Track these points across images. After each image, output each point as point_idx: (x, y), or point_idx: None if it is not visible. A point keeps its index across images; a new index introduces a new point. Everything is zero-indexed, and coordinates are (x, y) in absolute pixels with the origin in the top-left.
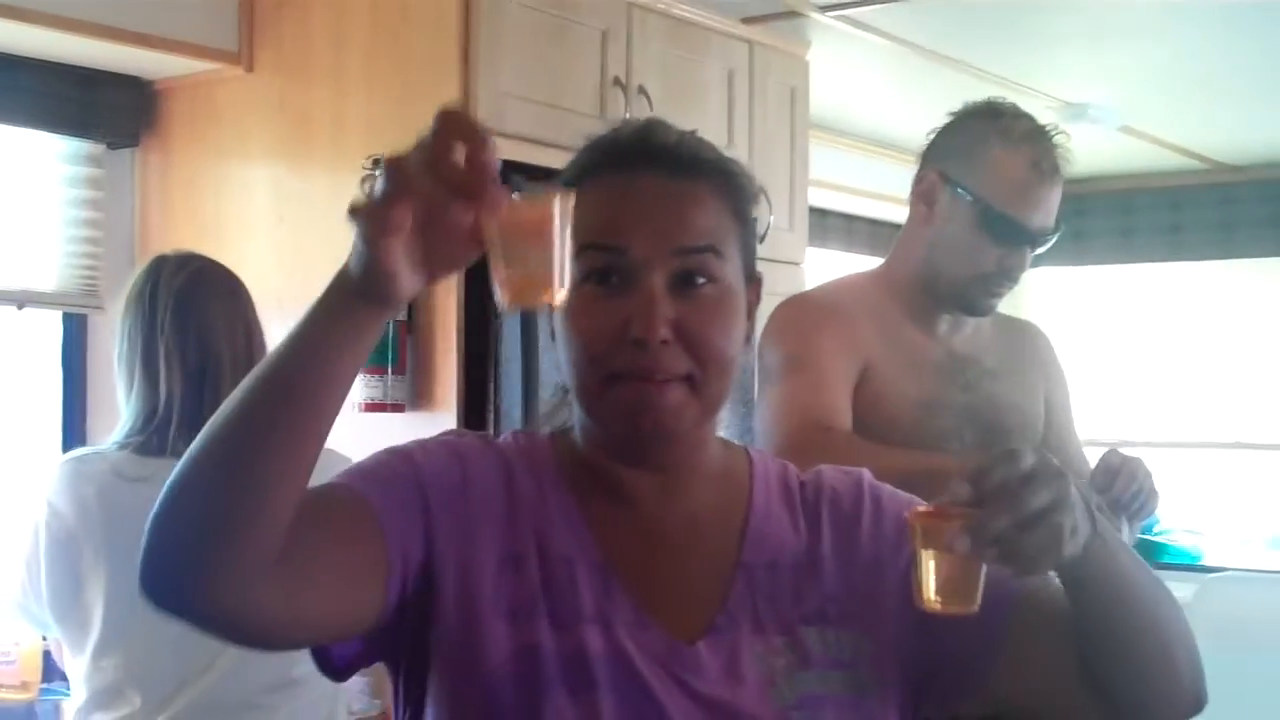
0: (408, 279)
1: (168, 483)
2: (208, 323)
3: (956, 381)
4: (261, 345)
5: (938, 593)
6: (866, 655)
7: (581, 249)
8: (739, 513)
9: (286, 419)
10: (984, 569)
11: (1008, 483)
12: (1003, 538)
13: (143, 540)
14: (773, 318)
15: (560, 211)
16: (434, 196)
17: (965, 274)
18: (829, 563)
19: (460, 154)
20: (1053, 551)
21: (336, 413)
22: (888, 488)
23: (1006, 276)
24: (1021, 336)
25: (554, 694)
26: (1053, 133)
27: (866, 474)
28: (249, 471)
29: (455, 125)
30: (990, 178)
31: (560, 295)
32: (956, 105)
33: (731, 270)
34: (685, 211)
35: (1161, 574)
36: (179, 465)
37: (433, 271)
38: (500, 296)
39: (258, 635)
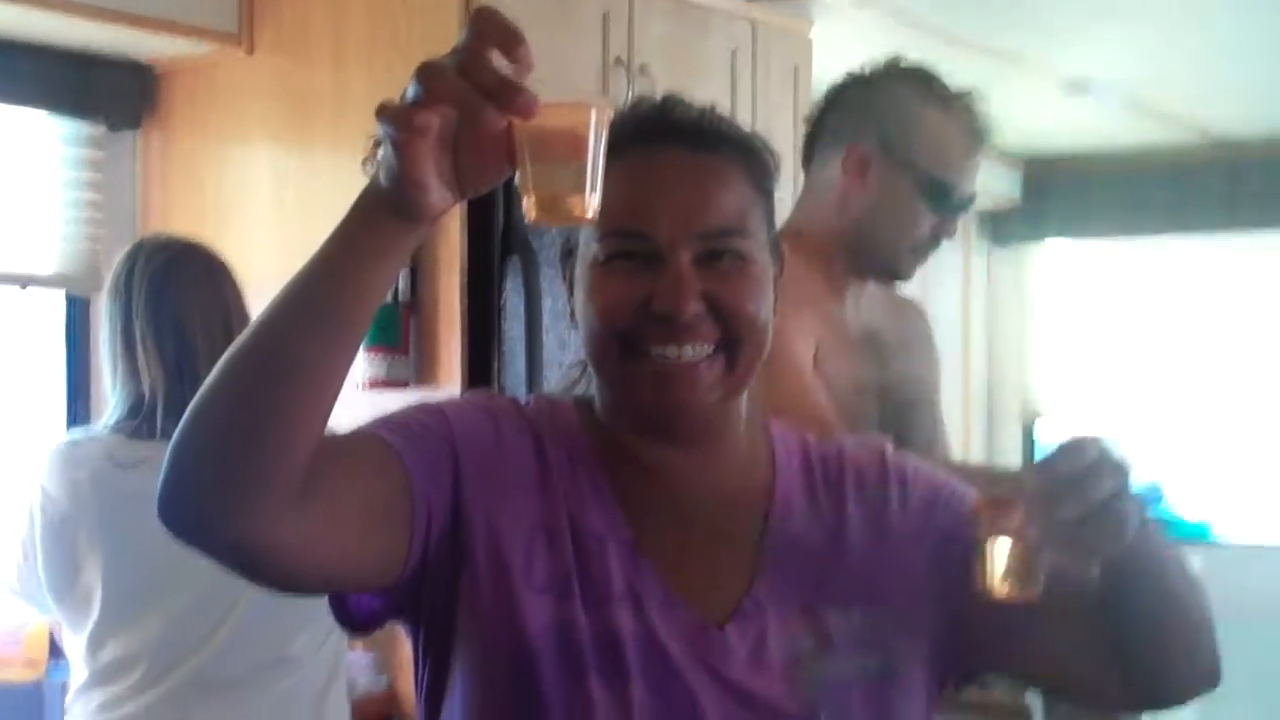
0: (437, 192)
1: (190, 406)
2: (183, 310)
3: (874, 360)
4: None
5: (1003, 580)
6: (894, 634)
7: (604, 235)
8: (763, 494)
9: (313, 334)
10: (1046, 556)
11: (1074, 473)
12: (1069, 527)
13: (163, 468)
14: None
15: (595, 122)
16: (466, 100)
17: (900, 243)
18: (855, 543)
19: (495, 58)
20: (1115, 540)
21: (363, 334)
22: (911, 460)
23: (937, 243)
24: (909, 312)
25: (589, 678)
26: (977, 96)
27: (888, 447)
28: (274, 387)
29: (491, 26)
30: (931, 148)
31: (591, 208)
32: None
33: (756, 245)
34: (710, 191)
35: None
36: (202, 389)
37: (462, 187)
38: (526, 209)
39: (278, 572)
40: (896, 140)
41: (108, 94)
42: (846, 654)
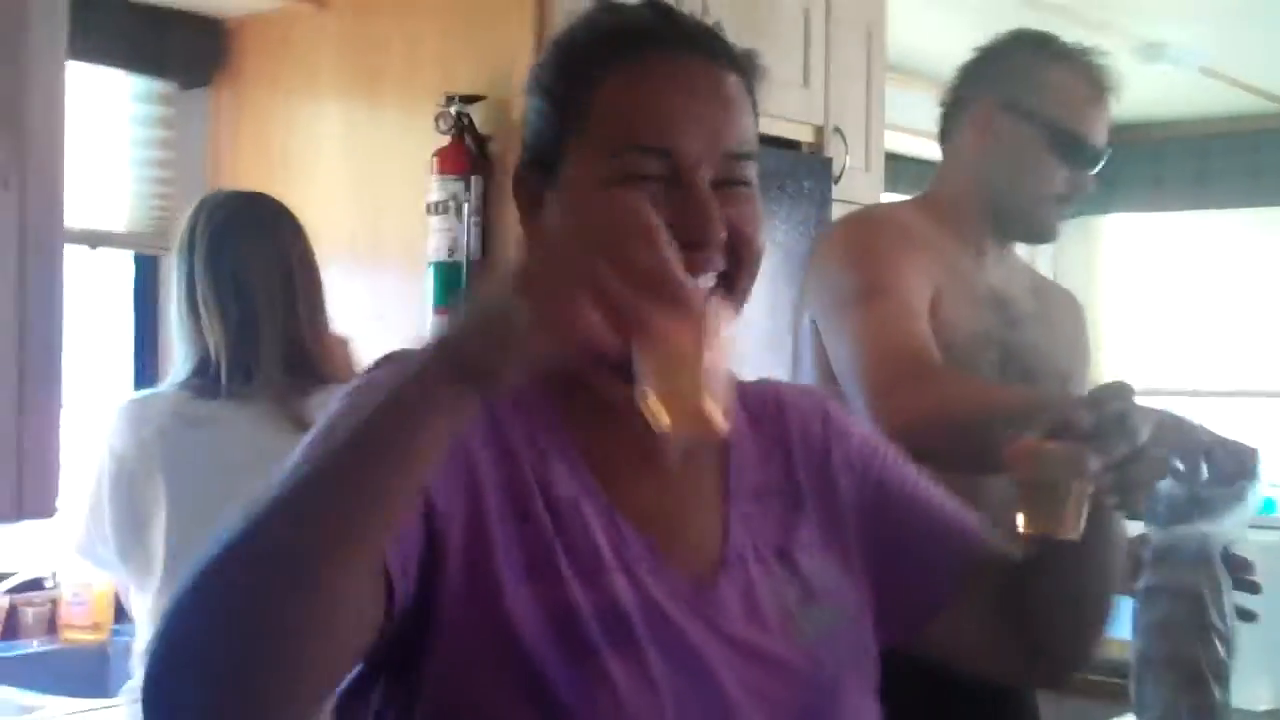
0: (519, 376)
1: (178, 602)
2: (241, 265)
3: (1003, 317)
4: (309, 283)
5: (1048, 519)
6: (849, 582)
7: (619, 150)
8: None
9: (360, 526)
10: (1088, 499)
11: (1121, 413)
12: (1119, 466)
13: (147, 664)
14: (839, 237)
15: (714, 322)
16: (626, 306)
17: (1033, 198)
18: (806, 490)
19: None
20: (1153, 483)
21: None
22: (851, 416)
23: (1072, 199)
24: (1058, 295)
25: (602, 657)
26: (1098, 53)
27: (824, 395)
28: (300, 604)
29: (634, 222)
30: (1054, 98)
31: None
32: None
33: (756, 172)
34: (732, 110)
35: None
36: (195, 578)
37: (540, 367)
38: (654, 417)
39: None
40: (1017, 93)
41: (180, 51)
42: (825, 598)
